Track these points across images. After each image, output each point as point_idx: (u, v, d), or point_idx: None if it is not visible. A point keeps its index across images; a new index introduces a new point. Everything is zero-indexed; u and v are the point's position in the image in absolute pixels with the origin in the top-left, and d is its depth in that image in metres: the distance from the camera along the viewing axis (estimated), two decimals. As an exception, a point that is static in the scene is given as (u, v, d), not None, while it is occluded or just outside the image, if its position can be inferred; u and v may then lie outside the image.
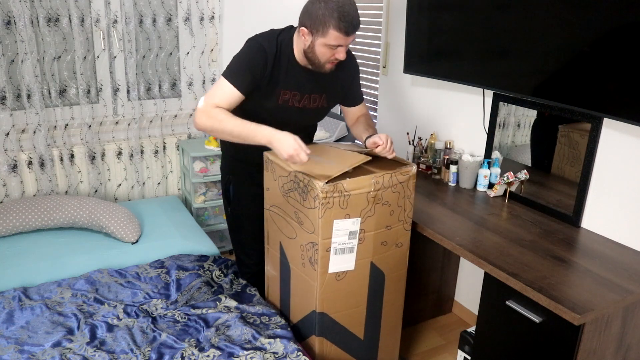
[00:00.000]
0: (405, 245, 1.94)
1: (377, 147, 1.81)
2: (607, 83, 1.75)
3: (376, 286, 1.91)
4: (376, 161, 1.86)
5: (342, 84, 2.00)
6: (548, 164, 2.11)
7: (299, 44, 1.82)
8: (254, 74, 1.79)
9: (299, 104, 1.91)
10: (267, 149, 1.75)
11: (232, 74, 1.80)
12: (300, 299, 1.91)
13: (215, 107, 1.76)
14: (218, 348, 1.71)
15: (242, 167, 2.09)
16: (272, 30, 1.88)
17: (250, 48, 1.82)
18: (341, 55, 1.78)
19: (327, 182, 1.64)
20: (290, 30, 1.88)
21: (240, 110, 1.82)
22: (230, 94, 1.79)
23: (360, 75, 3.31)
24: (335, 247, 1.74)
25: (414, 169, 1.83)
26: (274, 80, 1.83)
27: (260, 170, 1.96)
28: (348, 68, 2.00)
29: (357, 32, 1.79)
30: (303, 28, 1.76)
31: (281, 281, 2.02)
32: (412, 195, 1.87)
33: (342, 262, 1.77)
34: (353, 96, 2.07)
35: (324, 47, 1.75)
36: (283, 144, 1.64)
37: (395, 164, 1.85)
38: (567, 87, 1.88)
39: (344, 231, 1.73)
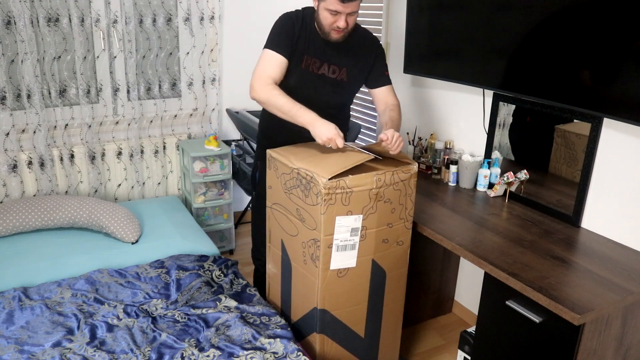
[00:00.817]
0: (407, 243, 1.94)
1: (382, 142, 1.84)
2: (608, 83, 1.75)
3: (377, 284, 1.91)
4: (379, 158, 1.87)
5: (363, 64, 2.09)
6: (544, 164, 2.11)
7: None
8: (289, 38, 1.97)
9: (317, 71, 2.03)
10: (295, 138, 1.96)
11: (273, 43, 1.96)
12: (301, 296, 1.92)
13: (269, 79, 1.93)
14: (218, 348, 1.71)
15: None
16: (297, 10, 2.07)
17: (281, 20, 2.01)
18: (341, 23, 1.89)
19: (329, 179, 1.64)
20: (312, 7, 2.04)
21: None
22: (277, 61, 1.95)
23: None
24: (337, 243, 1.74)
25: (415, 167, 1.84)
26: (301, 47, 2.00)
27: None
28: (370, 49, 2.11)
29: (358, 5, 1.92)
30: None
31: (282, 279, 2.02)
32: (414, 194, 1.87)
33: (343, 259, 1.78)
34: (376, 77, 2.13)
35: (325, 11, 1.90)
36: (323, 128, 1.80)
37: (397, 162, 1.85)
38: (568, 87, 1.88)
39: (346, 228, 1.73)
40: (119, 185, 3.10)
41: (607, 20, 1.70)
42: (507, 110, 2.26)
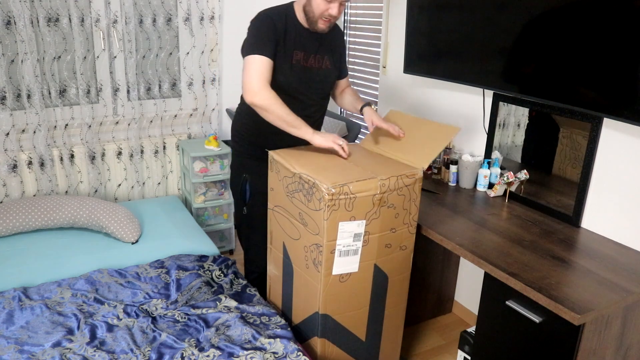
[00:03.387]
0: (410, 248, 1.93)
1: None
2: (608, 83, 1.75)
3: (379, 288, 1.90)
4: (382, 163, 1.88)
5: (336, 53, 2.16)
6: (549, 164, 2.11)
7: (300, 4, 2.00)
8: (271, 38, 1.94)
9: (306, 63, 2.04)
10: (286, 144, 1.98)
11: (254, 46, 1.93)
12: (302, 300, 1.91)
13: (264, 88, 1.91)
14: (218, 348, 1.71)
15: (257, 165, 2.11)
16: (276, 6, 2.04)
17: (259, 21, 1.97)
18: (334, 11, 1.92)
19: (333, 186, 1.64)
20: (291, 3, 2.06)
21: None
22: (265, 65, 1.92)
23: (361, 75, 3.32)
24: (340, 249, 1.73)
25: (420, 172, 1.83)
26: (289, 43, 1.99)
27: None
28: (340, 38, 2.20)
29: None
30: None
31: (284, 281, 2.01)
32: (418, 199, 1.86)
33: (346, 264, 1.77)
34: (343, 67, 2.23)
35: None
36: (325, 136, 1.89)
37: (402, 166, 1.85)
38: (568, 87, 1.88)
39: (349, 233, 1.72)
40: (119, 185, 3.10)
41: (607, 20, 1.70)
42: (506, 110, 2.26)
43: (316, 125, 2.16)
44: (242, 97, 2.06)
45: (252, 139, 2.12)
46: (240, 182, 2.17)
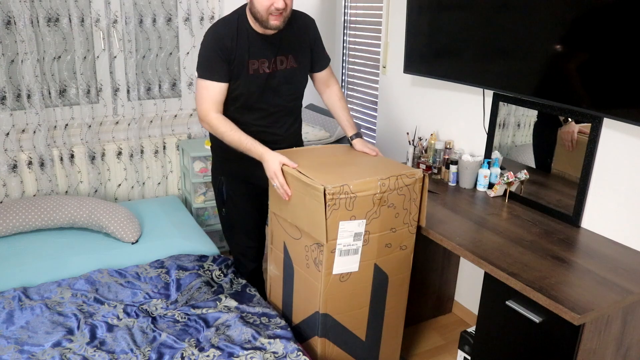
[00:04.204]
0: (410, 248, 1.93)
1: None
2: (608, 83, 1.75)
3: (379, 288, 1.90)
4: (382, 163, 1.88)
5: (305, 45, 2.05)
6: (549, 164, 2.11)
7: (248, 9, 1.89)
8: (223, 58, 1.88)
9: (268, 70, 1.96)
10: None
11: (206, 70, 1.89)
12: (303, 300, 1.91)
13: (213, 115, 1.90)
14: (218, 348, 1.71)
15: (232, 167, 2.12)
16: (231, 12, 1.96)
17: (207, 40, 1.91)
18: (279, 3, 1.79)
19: (333, 187, 1.64)
20: (244, 6, 1.94)
21: None
22: (216, 89, 1.90)
23: (361, 75, 3.31)
24: (340, 248, 1.73)
25: (420, 172, 1.84)
26: (240, 55, 1.90)
27: (250, 167, 1.96)
28: (306, 29, 2.05)
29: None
30: None
31: (284, 281, 2.01)
32: (418, 199, 1.86)
33: (346, 263, 1.77)
34: (318, 59, 2.12)
35: None
36: (270, 164, 1.82)
37: (401, 167, 1.85)
38: (568, 87, 1.88)
39: (349, 233, 1.73)
40: (119, 185, 3.10)
41: (607, 20, 1.70)
42: (506, 110, 2.26)
43: (292, 129, 2.14)
44: None
45: (222, 145, 2.01)
46: (217, 186, 2.19)
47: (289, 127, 2.11)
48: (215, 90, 1.90)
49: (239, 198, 2.16)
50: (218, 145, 2.07)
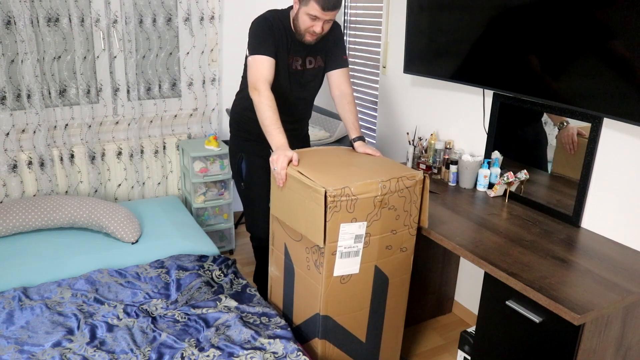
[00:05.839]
0: (410, 249, 1.93)
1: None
2: (608, 83, 1.75)
3: (380, 290, 1.90)
4: (383, 165, 1.87)
5: (332, 46, 2.22)
6: (547, 164, 2.11)
7: (292, 14, 2.08)
8: (271, 39, 2.03)
9: (300, 67, 2.16)
10: None
11: (256, 46, 2.02)
12: (303, 301, 1.91)
13: (264, 85, 1.97)
14: (218, 348, 1.71)
15: (252, 145, 2.26)
16: (274, 10, 2.14)
17: (258, 23, 2.07)
18: (317, 28, 2.00)
19: (334, 189, 1.64)
20: (289, 8, 2.13)
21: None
22: (265, 63, 2.00)
23: (361, 75, 3.31)
24: (341, 250, 1.73)
25: (420, 174, 1.84)
26: (284, 48, 2.08)
27: (269, 148, 2.01)
28: (333, 35, 2.21)
29: (336, 14, 2.03)
30: None
31: (285, 283, 2.01)
32: (418, 200, 1.86)
33: (347, 265, 1.77)
34: (334, 59, 2.23)
35: (305, 15, 1.99)
36: (277, 156, 1.84)
37: (402, 169, 1.85)
38: (568, 87, 1.88)
39: (350, 235, 1.73)
40: (119, 185, 3.10)
41: (607, 20, 1.70)
42: (507, 110, 2.26)
43: (302, 121, 2.35)
44: (240, 87, 2.27)
45: (246, 127, 2.25)
46: (236, 162, 2.32)
47: (302, 121, 2.34)
48: (265, 65, 1.99)
49: (258, 171, 2.27)
50: (241, 127, 2.28)
